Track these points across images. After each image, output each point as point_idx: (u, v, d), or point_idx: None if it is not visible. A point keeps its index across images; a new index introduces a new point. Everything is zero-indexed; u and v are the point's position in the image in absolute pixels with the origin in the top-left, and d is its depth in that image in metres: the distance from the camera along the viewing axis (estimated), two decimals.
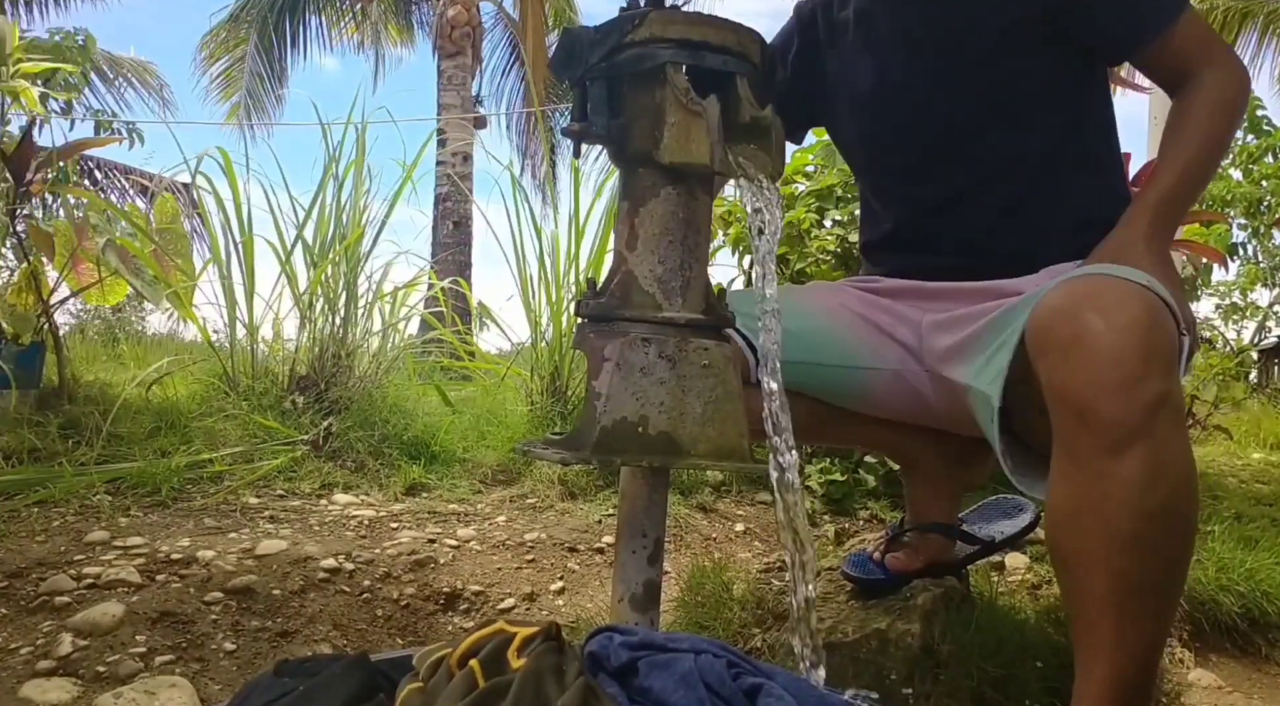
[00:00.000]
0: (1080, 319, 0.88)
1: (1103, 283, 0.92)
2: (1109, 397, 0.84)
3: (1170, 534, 0.87)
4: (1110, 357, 0.84)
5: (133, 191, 10.50)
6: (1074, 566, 0.90)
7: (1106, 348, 0.85)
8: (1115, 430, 0.84)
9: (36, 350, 2.45)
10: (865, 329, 1.25)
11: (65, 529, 1.81)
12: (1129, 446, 0.84)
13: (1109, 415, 0.84)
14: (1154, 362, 0.85)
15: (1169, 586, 0.90)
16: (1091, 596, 0.88)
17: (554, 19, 11.98)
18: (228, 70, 12.18)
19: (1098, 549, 0.86)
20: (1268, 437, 3.49)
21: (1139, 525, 0.85)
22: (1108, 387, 0.84)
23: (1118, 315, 0.86)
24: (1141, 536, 0.85)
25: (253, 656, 1.44)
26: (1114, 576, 0.86)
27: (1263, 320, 7.24)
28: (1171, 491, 0.86)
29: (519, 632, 0.61)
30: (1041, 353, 0.91)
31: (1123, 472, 0.84)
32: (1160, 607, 0.90)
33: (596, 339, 0.84)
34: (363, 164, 2.88)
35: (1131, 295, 0.89)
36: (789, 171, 2.62)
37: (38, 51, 2.80)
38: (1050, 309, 0.92)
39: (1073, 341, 0.87)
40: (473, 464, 2.51)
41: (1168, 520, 0.86)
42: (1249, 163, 7.57)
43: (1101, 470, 0.85)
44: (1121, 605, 0.86)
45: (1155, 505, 0.85)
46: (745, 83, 0.83)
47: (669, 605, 1.51)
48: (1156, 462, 0.85)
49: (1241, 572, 1.62)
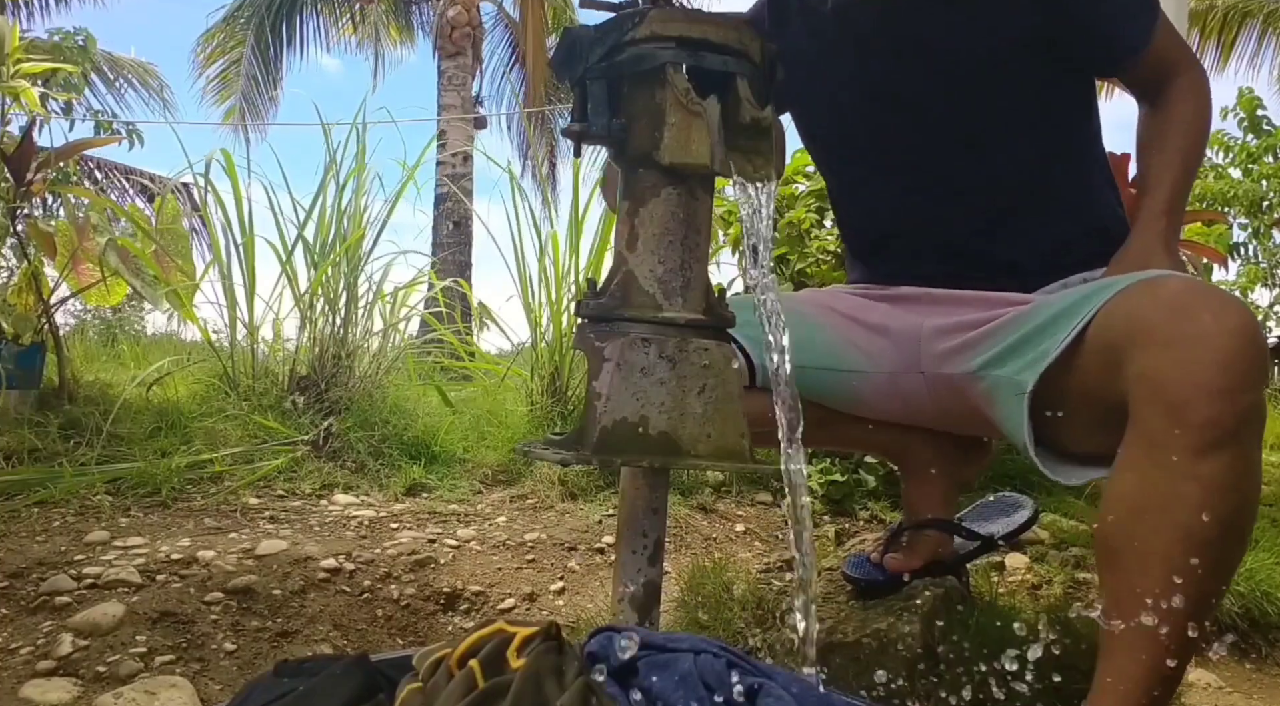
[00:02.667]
0: (1192, 315, 0.87)
1: (1204, 286, 0.93)
2: (1212, 398, 0.84)
3: (1233, 542, 0.88)
4: (1221, 359, 0.85)
5: (133, 192, 10.50)
6: (1129, 560, 0.89)
7: (1219, 349, 0.85)
8: (1209, 432, 0.84)
9: (37, 350, 2.45)
10: (857, 332, 1.25)
11: (65, 529, 1.81)
12: (1218, 450, 0.84)
13: (1207, 416, 0.84)
14: (1256, 372, 0.86)
15: (1217, 595, 0.91)
16: (1143, 593, 0.87)
17: (553, 19, 11.98)
18: (224, 72, 12.18)
19: (1161, 548, 0.86)
20: (1268, 438, 3.49)
21: (1211, 529, 0.85)
22: (1212, 389, 0.84)
23: (1229, 319, 0.87)
24: (1210, 540, 0.85)
25: (253, 656, 1.44)
26: (1173, 576, 0.86)
27: (1263, 320, 7.24)
28: (1244, 500, 0.87)
29: (519, 633, 0.61)
30: (1140, 345, 0.90)
31: (1206, 475, 0.84)
32: (1204, 615, 0.90)
33: (597, 339, 0.84)
34: (363, 165, 2.88)
35: (1234, 302, 0.90)
36: (789, 171, 2.61)
37: (38, 51, 2.81)
38: (1154, 304, 0.91)
39: (1184, 338, 0.87)
40: (473, 464, 2.51)
41: (1235, 528, 0.87)
42: (1249, 162, 7.57)
43: (1185, 470, 0.85)
44: (1172, 607, 0.86)
45: (1229, 511, 0.85)
46: (745, 83, 0.83)
47: (669, 605, 1.51)
48: (1239, 470, 0.85)
49: (1241, 573, 1.62)
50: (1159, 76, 1.18)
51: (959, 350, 1.14)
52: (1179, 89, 1.16)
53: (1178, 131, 1.16)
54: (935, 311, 1.22)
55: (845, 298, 1.32)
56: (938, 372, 1.18)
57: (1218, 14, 9.99)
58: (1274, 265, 7.48)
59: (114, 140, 4.96)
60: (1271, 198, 7.32)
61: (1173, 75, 1.17)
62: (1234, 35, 10.16)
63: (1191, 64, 1.19)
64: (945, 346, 1.16)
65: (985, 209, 1.21)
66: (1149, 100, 1.20)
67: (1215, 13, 9.97)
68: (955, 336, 1.15)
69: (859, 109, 1.26)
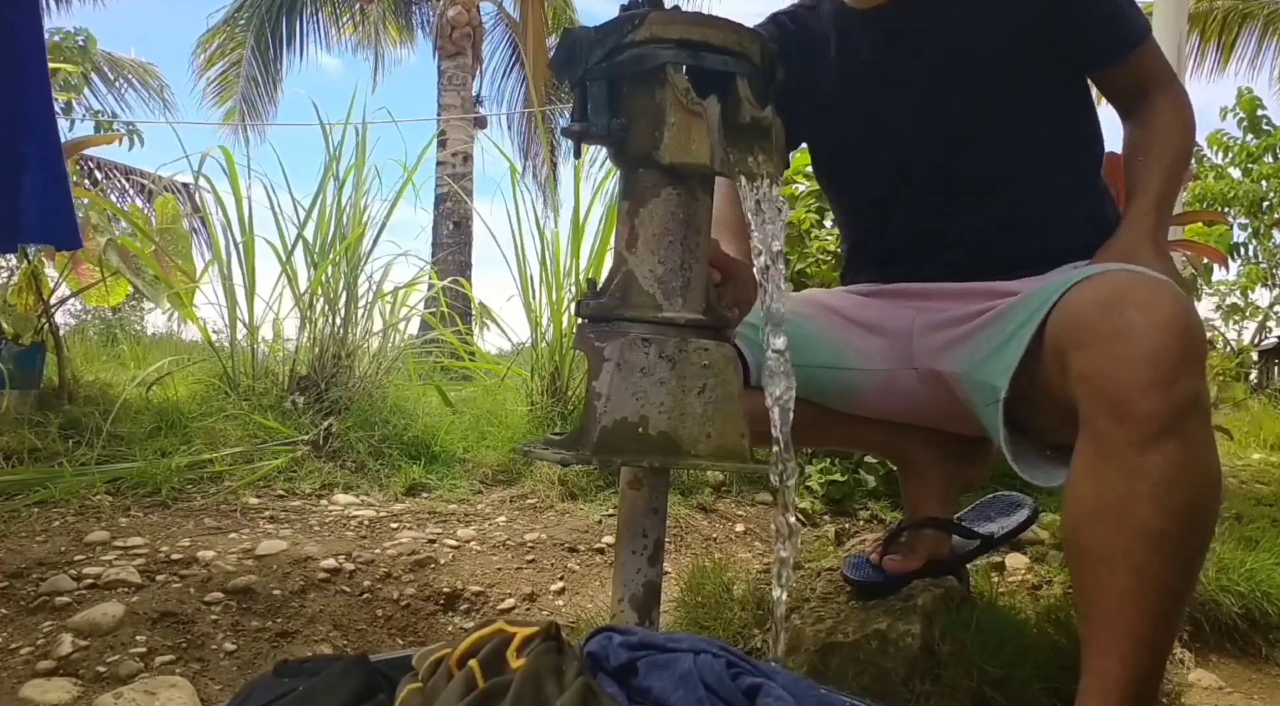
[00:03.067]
0: (1122, 314, 0.88)
1: (1138, 279, 0.93)
2: (1146, 393, 0.85)
3: (1192, 533, 0.88)
4: (1149, 353, 0.85)
5: (133, 191, 10.51)
6: (1094, 562, 0.90)
7: (1146, 343, 0.86)
8: (1149, 425, 0.85)
9: (36, 350, 2.45)
10: (852, 330, 1.26)
11: (65, 529, 1.81)
12: (1160, 442, 0.85)
13: (1145, 410, 0.85)
14: (1189, 361, 0.86)
15: (1185, 587, 0.90)
16: (1110, 593, 0.88)
17: (553, 19, 11.99)
18: (224, 74, 12.18)
19: (1120, 545, 0.87)
20: (1268, 438, 3.50)
21: (1165, 522, 0.85)
22: (1145, 383, 0.85)
23: (1157, 312, 0.87)
24: (1166, 533, 0.85)
25: (253, 656, 1.44)
26: (1135, 573, 0.86)
27: (1263, 321, 7.25)
28: (1197, 490, 0.87)
29: (518, 633, 0.61)
30: (1077, 345, 0.91)
31: (1152, 468, 0.85)
32: (1175, 608, 0.90)
33: (596, 339, 0.84)
34: (363, 164, 2.89)
35: (1168, 294, 0.90)
36: (789, 172, 2.61)
37: None
38: (1089, 302, 0.93)
39: (1114, 335, 0.87)
40: (473, 464, 2.51)
41: (1192, 519, 0.87)
42: (1249, 162, 7.57)
43: (1132, 466, 0.86)
44: (1140, 603, 0.86)
45: (1181, 503, 0.85)
46: (745, 83, 0.83)
47: (669, 605, 1.51)
48: (1185, 461, 0.85)
49: (1242, 573, 1.62)
50: (1142, 88, 1.21)
51: (946, 347, 1.15)
52: (1161, 103, 1.20)
53: (1161, 140, 1.19)
54: (927, 306, 1.23)
55: (838, 296, 1.32)
56: (929, 368, 1.18)
57: (1218, 15, 9.99)
58: (1274, 265, 7.48)
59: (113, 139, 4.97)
60: (1272, 198, 7.32)
61: (1155, 89, 1.20)
62: (1234, 37, 10.16)
63: (1173, 80, 1.23)
64: (934, 342, 1.17)
65: (988, 207, 1.21)
66: (1133, 116, 1.23)
67: (1215, 14, 9.98)
68: (943, 332, 1.16)
69: (858, 107, 1.26)
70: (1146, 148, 1.19)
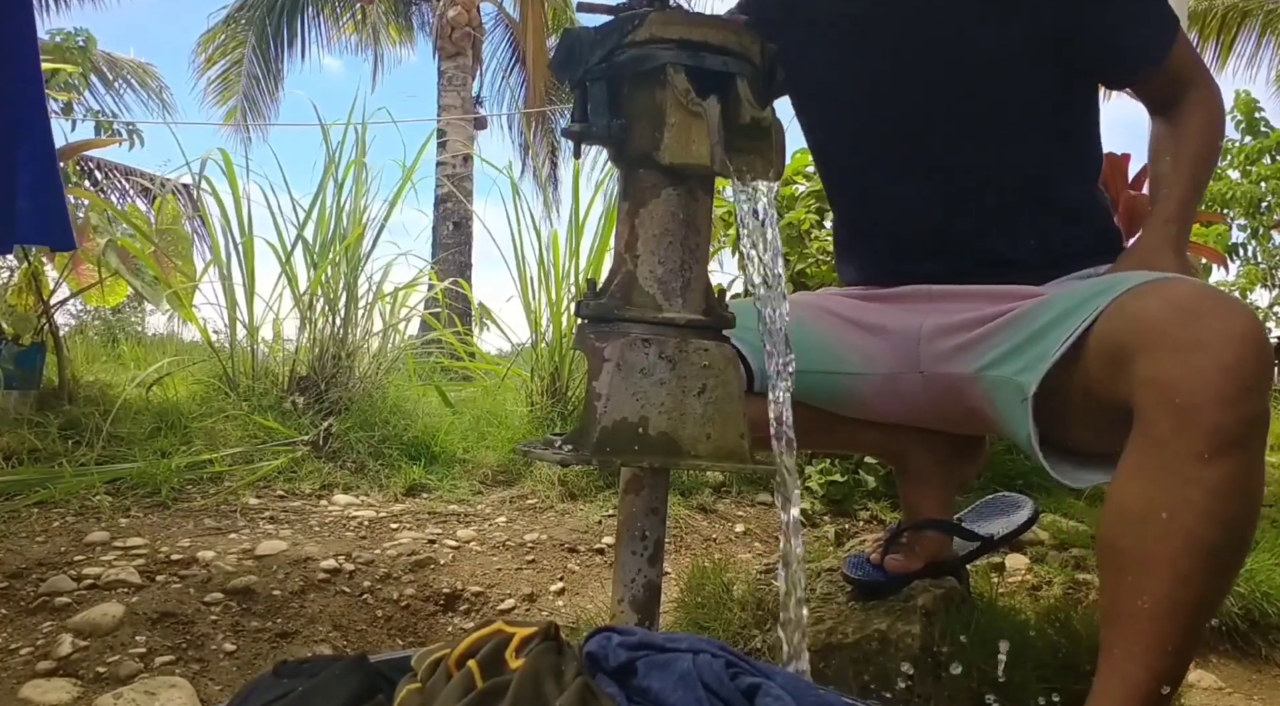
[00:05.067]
0: (1201, 320, 0.87)
1: (1211, 290, 0.92)
2: (1219, 404, 0.84)
3: (1235, 548, 0.88)
4: (1228, 365, 0.85)
5: (133, 192, 10.51)
6: (1133, 566, 0.89)
7: (1226, 355, 0.85)
8: (1215, 437, 0.84)
9: (37, 350, 2.45)
10: (854, 333, 1.24)
11: (65, 529, 1.81)
12: (1223, 456, 0.84)
13: (1213, 421, 0.84)
14: (1263, 377, 0.86)
15: (1218, 598, 0.91)
16: (1148, 600, 0.87)
17: (553, 20, 11.99)
18: (225, 74, 12.19)
19: (1166, 554, 0.86)
20: (1269, 438, 3.50)
21: (1215, 535, 0.85)
22: (1221, 394, 0.84)
23: (1237, 324, 0.87)
24: (1216, 549, 0.85)
25: (253, 657, 1.44)
26: (1177, 582, 0.86)
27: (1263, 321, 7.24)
28: (1247, 506, 0.87)
29: (517, 633, 0.61)
30: (1146, 348, 0.90)
31: (1211, 480, 0.84)
32: (1206, 620, 0.90)
33: (596, 339, 0.84)
34: (363, 164, 2.88)
35: (1244, 309, 0.90)
36: (789, 171, 2.61)
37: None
38: (1161, 304, 0.91)
39: (1193, 343, 0.86)
40: (473, 464, 2.51)
41: (1238, 533, 0.87)
42: (1247, 163, 7.58)
43: (1190, 474, 0.85)
44: (1175, 612, 0.86)
45: (1232, 517, 0.86)
46: (745, 83, 0.83)
47: (669, 606, 1.51)
48: (1244, 476, 0.85)
49: (1241, 573, 1.62)
50: (1173, 91, 1.18)
51: (959, 350, 1.13)
52: (1191, 102, 1.17)
53: (1189, 141, 1.16)
54: (934, 309, 1.21)
55: (840, 299, 1.31)
56: (937, 372, 1.17)
57: (1216, 15, 10.00)
58: (1273, 266, 7.48)
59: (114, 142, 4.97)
60: (1270, 199, 7.32)
61: (1186, 89, 1.18)
62: (1233, 36, 10.17)
63: (1206, 79, 1.19)
64: (945, 346, 1.16)
65: (988, 207, 1.20)
66: (1161, 112, 1.21)
67: (1214, 13, 9.98)
68: (956, 336, 1.15)
69: (863, 103, 1.25)
70: (1173, 146, 1.17)
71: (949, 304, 1.20)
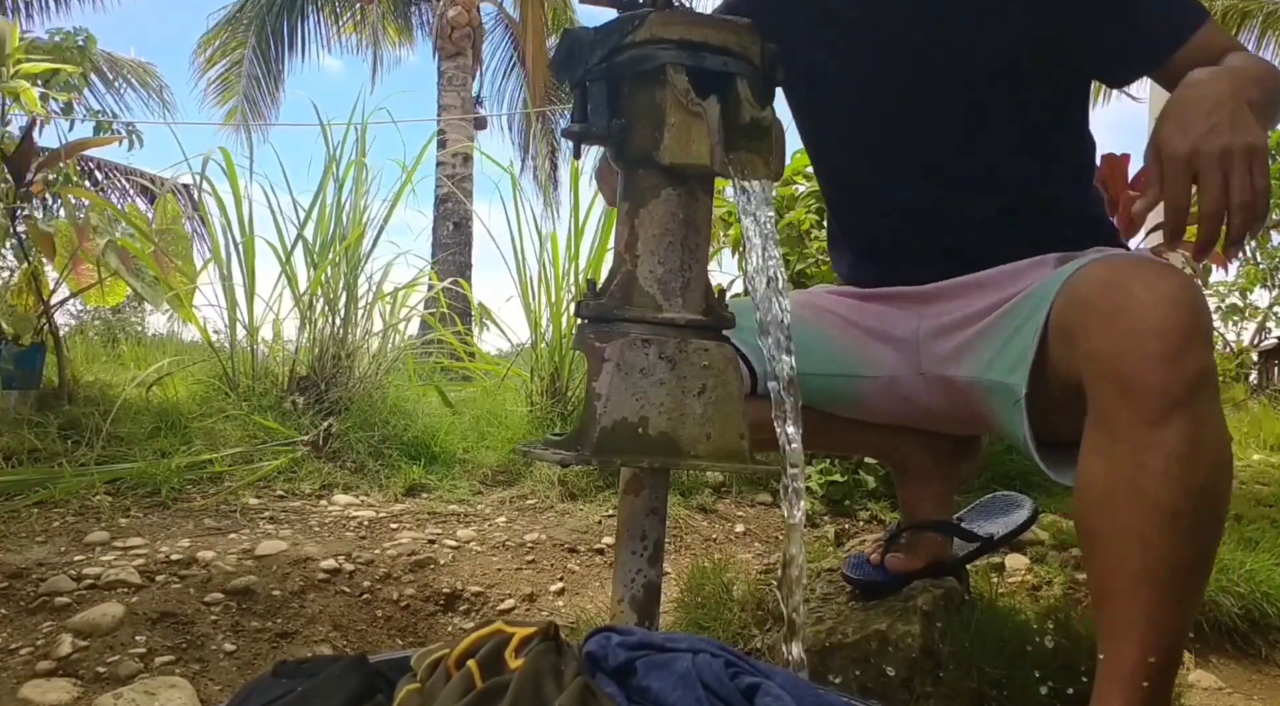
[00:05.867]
0: (1125, 288, 0.88)
1: (1141, 260, 0.93)
2: (1154, 367, 0.84)
3: (1205, 513, 0.86)
4: (1156, 327, 0.84)
5: (133, 192, 10.51)
6: (1107, 544, 0.89)
7: (1153, 317, 0.85)
8: (1158, 400, 0.84)
9: (36, 351, 2.45)
10: (855, 336, 1.24)
11: (65, 529, 1.81)
12: (1171, 417, 0.84)
13: (1153, 385, 0.84)
14: (1197, 336, 0.85)
15: (1201, 569, 0.89)
16: (1124, 575, 0.87)
17: (553, 20, 11.99)
18: (225, 74, 12.19)
19: (1134, 524, 0.86)
20: (1268, 439, 3.50)
21: (1178, 500, 0.84)
22: (1153, 357, 0.84)
23: (1162, 286, 0.86)
24: (1180, 512, 0.84)
25: (253, 657, 1.44)
26: (1149, 553, 0.85)
27: (1262, 321, 7.25)
28: (1210, 468, 0.86)
29: (517, 633, 0.61)
30: (1082, 326, 0.90)
31: (1164, 444, 0.84)
32: (1190, 589, 0.88)
33: (596, 340, 0.84)
34: (363, 164, 2.88)
35: (1171, 272, 0.89)
36: (789, 172, 2.61)
37: (38, 52, 2.81)
38: (1092, 279, 0.92)
39: (1118, 310, 0.87)
40: (473, 465, 2.51)
41: (1205, 498, 0.86)
42: None
43: (1142, 441, 0.85)
44: (1154, 584, 0.85)
45: (1195, 480, 0.84)
46: (745, 83, 0.83)
47: (669, 606, 1.51)
48: (1197, 435, 0.84)
49: (1241, 574, 1.62)
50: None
51: (958, 351, 1.13)
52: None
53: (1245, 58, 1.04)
54: (929, 310, 1.21)
55: (839, 300, 1.30)
56: (937, 375, 1.17)
57: (1216, 14, 10.00)
58: (1273, 266, 7.48)
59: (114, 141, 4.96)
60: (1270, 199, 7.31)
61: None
62: (1233, 35, 10.17)
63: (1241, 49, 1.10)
64: (944, 347, 1.16)
65: (981, 209, 1.20)
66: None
67: (1214, 13, 9.98)
68: (953, 336, 1.15)
69: (856, 102, 1.24)
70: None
71: (944, 302, 1.20)
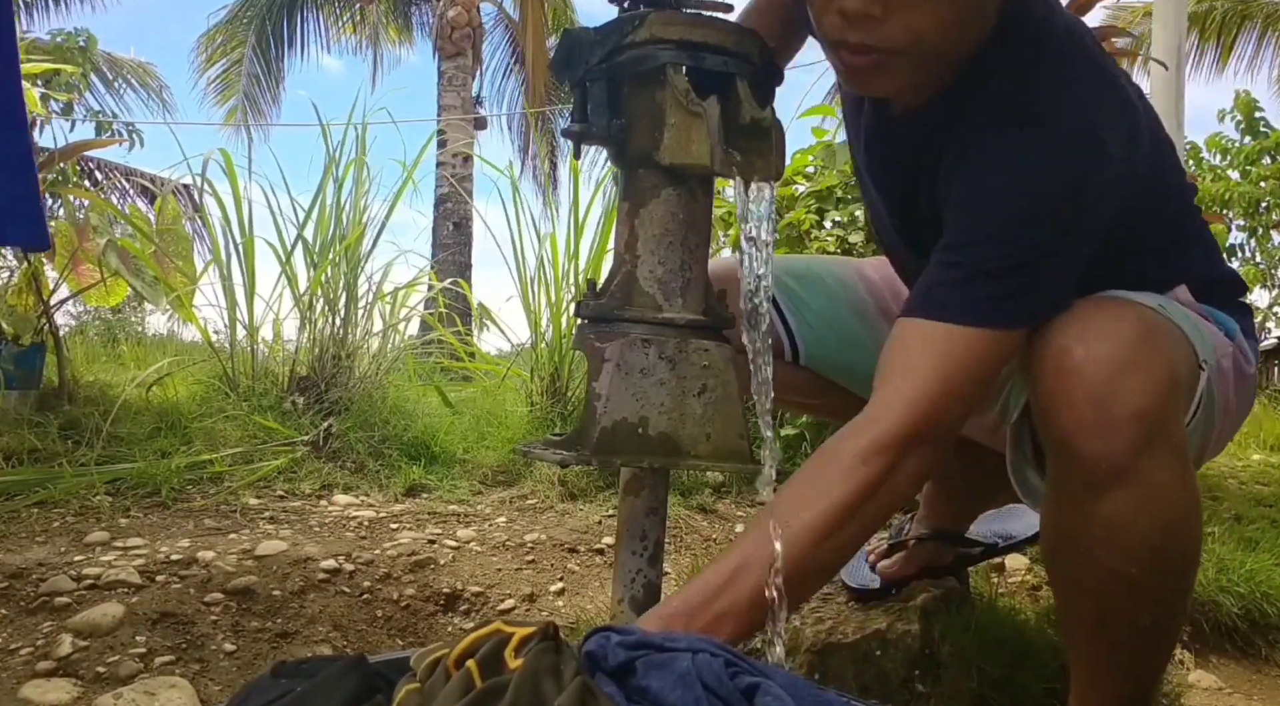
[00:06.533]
0: (1065, 346, 0.81)
1: (1096, 305, 0.85)
2: (1090, 435, 0.78)
3: (1158, 574, 0.83)
4: (1094, 393, 0.78)
5: (134, 193, 10.51)
6: (1065, 593, 0.88)
7: (1087, 380, 0.78)
8: (1096, 468, 0.79)
9: (36, 351, 2.45)
10: None
11: (65, 529, 1.81)
12: (1111, 487, 0.79)
13: (1089, 453, 0.79)
14: (1142, 396, 0.78)
15: (1162, 621, 0.87)
16: (1081, 623, 0.87)
17: (553, 20, 11.99)
18: (225, 73, 12.20)
19: (1084, 580, 0.84)
20: (1268, 439, 3.49)
21: (1123, 565, 0.81)
22: (1089, 425, 0.78)
23: (1101, 342, 0.80)
24: (1128, 576, 0.81)
25: (253, 657, 1.44)
26: (1100, 608, 0.84)
27: (1262, 321, 7.25)
28: (1158, 533, 0.81)
29: (516, 633, 0.61)
30: (1032, 380, 0.85)
31: (1103, 512, 0.80)
32: (1152, 640, 0.87)
33: (597, 340, 0.84)
34: (363, 164, 2.88)
35: (1124, 317, 0.82)
36: (789, 172, 2.62)
37: (38, 52, 2.81)
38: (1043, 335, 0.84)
39: (1054, 373, 0.81)
40: (473, 465, 2.50)
41: (1158, 559, 0.82)
42: (1247, 164, 7.59)
43: (1083, 507, 0.81)
44: (1108, 637, 0.85)
45: (1138, 544, 0.80)
46: (745, 84, 0.83)
47: None
48: (1140, 504, 0.79)
49: (1241, 574, 1.62)
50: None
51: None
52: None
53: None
54: None
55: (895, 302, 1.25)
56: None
57: (1216, 16, 10.00)
58: (1273, 266, 7.48)
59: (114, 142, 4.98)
60: (1269, 199, 7.32)
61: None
62: (1233, 37, 10.17)
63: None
64: None
65: None
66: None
67: (1214, 14, 9.98)
68: None
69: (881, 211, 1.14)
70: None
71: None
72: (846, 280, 1.26)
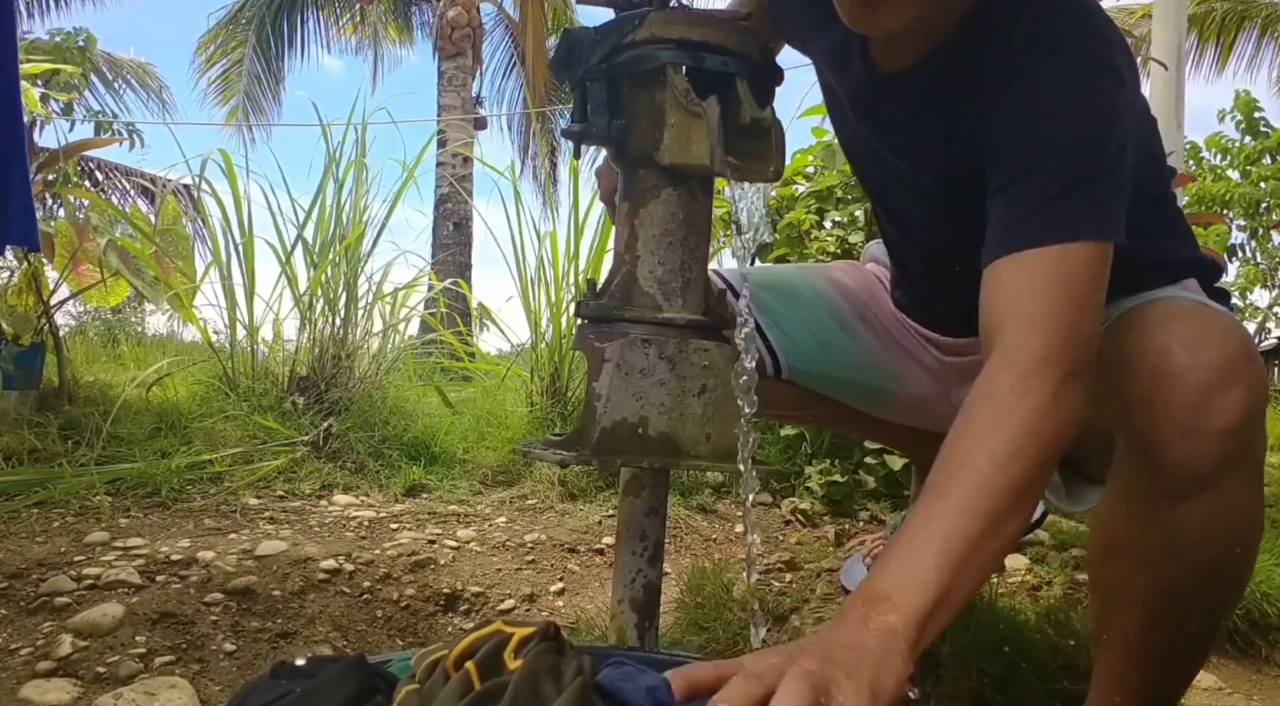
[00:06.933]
0: (1164, 346, 0.79)
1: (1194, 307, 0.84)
2: (1183, 441, 0.76)
3: (1213, 590, 0.82)
4: (1188, 398, 0.76)
5: (134, 193, 10.51)
6: (1110, 596, 0.86)
7: (1188, 386, 0.76)
8: (1181, 476, 0.77)
9: (37, 351, 2.45)
10: (895, 352, 1.24)
11: (65, 529, 1.81)
12: (1192, 497, 0.77)
13: (1178, 459, 0.77)
14: (1240, 410, 0.76)
15: (1206, 635, 0.86)
16: (1124, 632, 0.84)
17: (553, 20, 11.99)
18: (225, 73, 12.20)
19: (1137, 587, 0.82)
20: (1268, 439, 3.49)
21: (1183, 576, 0.80)
22: (1183, 430, 0.76)
23: (1209, 349, 0.78)
24: (1181, 586, 0.80)
25: (253, 657, 1.44)
26: (1150, 618, 0.82)
27: (1262, 322, 7.25)
28: (1225, 549, 0.80)
29: (516, 633, 0.61)
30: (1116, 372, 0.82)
31: (1175, 521, 0.78)
32: (1192, 652, 0.86)
33: (597, 340, 0.84)
34: (363, 165, 2.88)
35: (1225, 328, 0.81)
36: (789, 172, 2.61)
37: (38, 52, 2.82)
38: (1132, 328, 0.83)
39: (1155, 372, 0.79)
40: (473, 465, 2.50)
41: (1216, 575, 0.81)
42: (1247, 164, 7.59)
43: (1158, 514, 0.79)
44: (1152, 645, 0.83)
45: (1204, 560, 0.79)
46: (745, 84, 0.83)
47: (669, 606, 1.50)
48: (1218, 519, 0.78)
49: None
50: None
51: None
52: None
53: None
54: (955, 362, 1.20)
55: (885, 305, 1.27)
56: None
57: (1216, 17, 10.00)
58: (1273, 266, 7.48)
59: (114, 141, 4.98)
60: (1270, 199, 7.32)
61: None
62: (1233, 38, 10.18)
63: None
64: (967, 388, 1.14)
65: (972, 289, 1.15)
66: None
67: (1214, 15, 9.98)
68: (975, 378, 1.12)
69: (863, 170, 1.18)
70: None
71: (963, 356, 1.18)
72: (818, 287, 1.27)
